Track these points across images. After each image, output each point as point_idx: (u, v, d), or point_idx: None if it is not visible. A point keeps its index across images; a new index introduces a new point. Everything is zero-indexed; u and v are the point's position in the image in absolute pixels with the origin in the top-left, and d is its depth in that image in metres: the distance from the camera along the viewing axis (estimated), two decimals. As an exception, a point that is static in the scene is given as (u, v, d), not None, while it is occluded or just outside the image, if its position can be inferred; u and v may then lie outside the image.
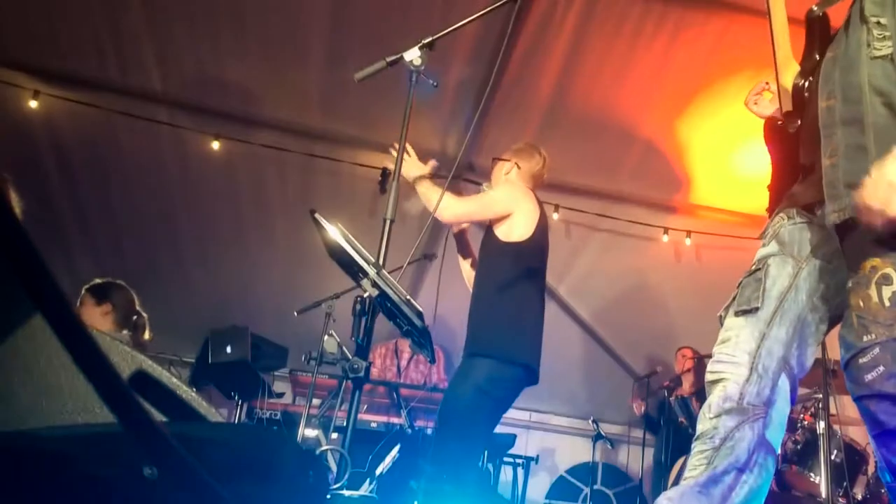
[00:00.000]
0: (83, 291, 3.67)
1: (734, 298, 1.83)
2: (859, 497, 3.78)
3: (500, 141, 5.01)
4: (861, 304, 1.50)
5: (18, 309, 0.93)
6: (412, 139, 2.46)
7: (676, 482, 4.66)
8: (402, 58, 2.15)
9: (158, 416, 0.99)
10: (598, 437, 5.98)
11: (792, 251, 1.77)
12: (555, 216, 5.47)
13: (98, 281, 3.80)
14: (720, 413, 1.71)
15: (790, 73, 1.83)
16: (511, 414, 6.66)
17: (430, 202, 3.18)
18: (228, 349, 4.92)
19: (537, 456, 5.95)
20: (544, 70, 4.52)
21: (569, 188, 5.34)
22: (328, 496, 1.62)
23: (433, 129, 4.94)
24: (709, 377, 1.79)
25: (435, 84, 2.59)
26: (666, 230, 5.51)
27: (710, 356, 1.84)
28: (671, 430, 5.33)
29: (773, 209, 1.89)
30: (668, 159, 5.04)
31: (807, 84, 1.79)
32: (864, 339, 1.48)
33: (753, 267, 1.82)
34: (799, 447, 3.98)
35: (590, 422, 6.05)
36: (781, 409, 1.74)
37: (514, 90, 4.61)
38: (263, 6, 4.28)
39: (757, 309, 1.74)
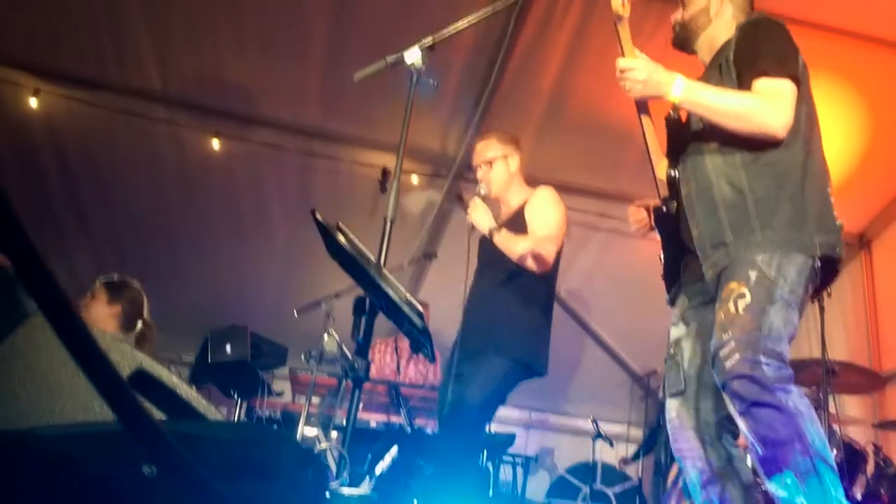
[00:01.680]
0: (97, 283, 3.52)
1: (664, 379, 2.31)
2: (859, 497, 3.78)
3: (500, 140, 5.01)
4: (723, 315, 1.92)
5: (19, 308, 0.93)
6: (412, 139, 2.46)
7: (675, 482, 4.69)
8: (402, 58, 2.15)
9: (158, 415, 0.99)
10: (597, 436, 5.98)
11: (697, 331, 2.19)
12: (555, 216, 5.47)
13: (115, 276, 3.67)
14: (704, 486, 2.07)
15: (662, 165, 2.26)
16: (511, 413, 6.71)
17: (513, 252, 3.05)
18: (228, 348, 4.92)
19: (537, 455, 5.96)
20: (544, 70, 4.52)
21: (569, 188, 5.33)
22: (327, 494, 1.63)
23: (433, 129, 4.94)
24: (675, 456, 2.19)
25: (435, 84, 2.59)
26: (666, 230, 5.50)
27: None
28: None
29: (669, 287, 2.37)
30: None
31: (675, 173, 2.23)
32: (724, 336, 1.89)
33: (671, 350, 2.27)
34: (798, 447, 3.97)
35: (590, 421, 6.05)
36: (738, 455, 2.10)
37: (514, 90, 4.61)
38: (263, 4, 4.28)
39: (683, 391, 2.16)
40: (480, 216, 3.10)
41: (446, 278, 5.93)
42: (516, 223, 3.17)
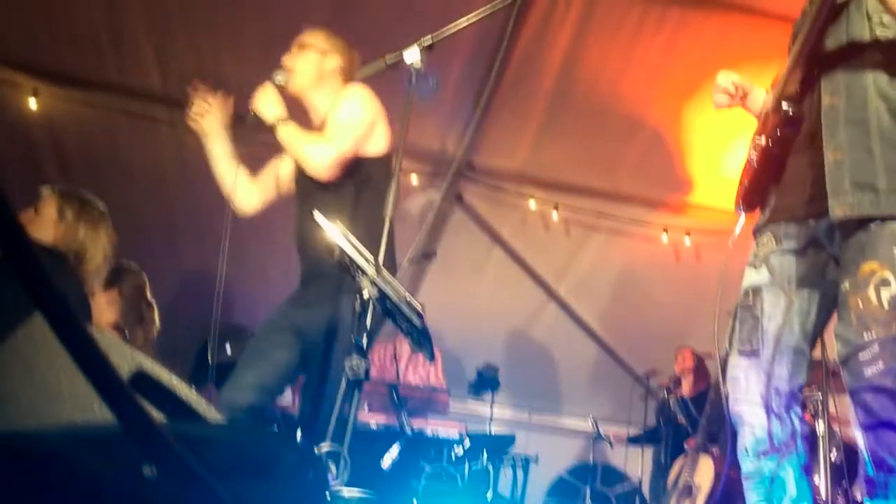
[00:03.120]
0: None
1: (733, 329, 1.93)
2: (859, 497, 3.77)
3: (500, 140, 5.02)
4: (860, 304, 1.60)
5: (18, 309, 0.93)
6: (412, 139, 2.46)
7: (675, 483, 4.67)
8: (401, 58, 2.14)
9: (158, 416, 0.99)
10: (598, 437, 5.98)
11: (783, 284, 1.84)
12: (555, 216, 5.47)
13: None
14: (758, 456, 1.84)
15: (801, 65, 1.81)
16: (511, 414, 6.70)
17: (301, 152, 2.60)
18: (228, 349, 4.92)
19: (537, 456, 5.94)
20: (544, 70, 4.52)
21: (569, 187, 5.35)
22: (327, 496, 1.63)
23: (433, 128, 4.94)
24: (733, 417, 1.90)
25: (435, 84, 2.59)
26: (666, 229, 5.51)
27: (709, 355, 1.95)
28: (670, 430, 5.33)
29: (747, 203, 1.96)
30: (668, 158, 5.04)
31: (816, 73, 1.78)
32: (865, 336, 1.59)
33: (749, 300, 1.88)
34: (798, 447, 3.97)
35: (589, 422, 6.05)
36: (804, 431, 1.88)
37: (513, 90, 4.60)
38: (263, 4, 4.28)
39: (757, 351, 1.84)
40: (266, 101, 2.65)
41: (446, 278, 5.94)
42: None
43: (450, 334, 5.94)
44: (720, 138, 4.83)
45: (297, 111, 2.74)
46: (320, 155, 2.52)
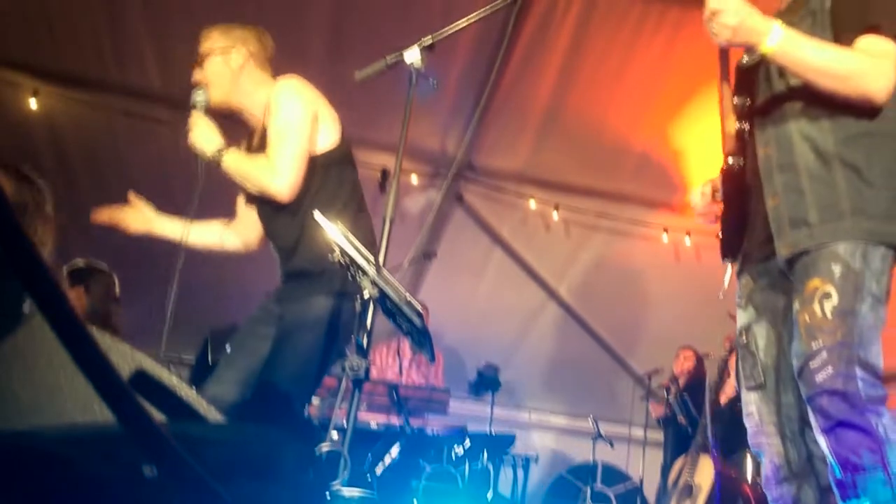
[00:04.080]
0: (63, 271, 3.47)
1: (738, 368, 2.10)
2: None
3: (500, 140, 5.02)
4: (807, 318, 1.75)
5: (18, 309, 0.93)
6: (412, 139, 2.46)
7: (676, 482, 4.67)
8: (402, 58, 2.14)
9: (158, 416, 0.99)
10: (598, 436, 5.98)
11: (769, 318, 1.98)
12: (555, 216, 5.47)
13: (80, 263, 3.59)
14: (780, 483, 1.95)
15: (731, 120, 2.02)
16: (511, 414, 6.70)
17: (253, 179, 2.46)
18: (228, 349, 4.92)
19: (537, 456, 5.95)
20: (544, 70, 4.52)
21: (569, 188, 5.35)
22: (327, 495, 1.63)
23: (433, 128, 4.94)
24: (753, 448, 2.05)
25: (435, 84, 2.59)
26: (666, 230, 5.51)
27: (707, 355, 2.02)
28: (671, 430, 5.33)
29: (727, 249, 2.08)
30: (668, 159, 5.04)
31: (746, 127, 1.98)
32: (813, 346, 1.73)
33: (743, 339, 2.03)
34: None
35: (589, 422, 6.05)
36: (820, 454, 1.91)
37: (513, 90, 4.61)
38: (264, 4, 4.28)
39: (763, 384, 1.97)
40: (201, 134, 2.45)
41: (446, 278, 5.94)
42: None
43: (450, 334, 5.94)
44: (720, 138, 4.82)
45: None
46: (275, 182, 2.37)
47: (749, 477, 4.17)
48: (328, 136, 2.49)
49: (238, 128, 2.66)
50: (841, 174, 1.79)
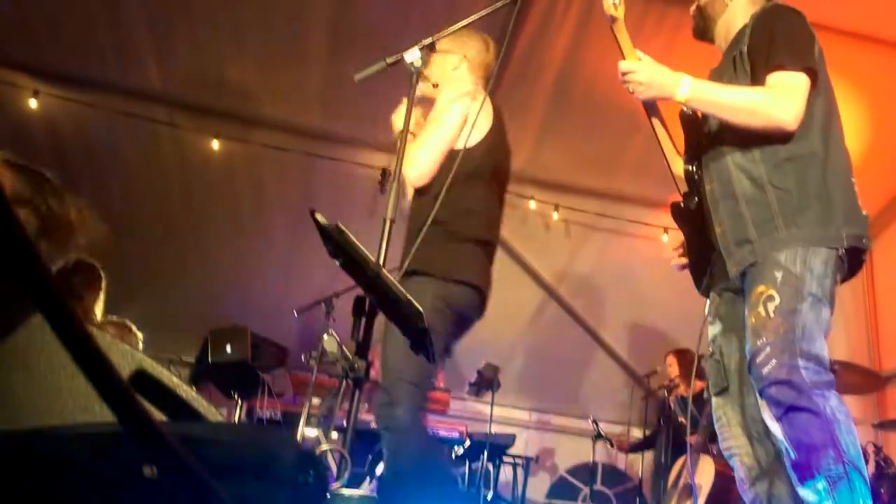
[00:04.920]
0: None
1: (708, 380, 2.26)
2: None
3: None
4: (754, 319, 1.91)
5: (18, 309, 0.93)
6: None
7: (676, 482, 4.66)
8: (402, 58, 2.14)
9: (158, 416, 0.99)
10: (598, 436, 5.98)
11: (733, 326, 2.15)
12: (555, 216, 5.47)
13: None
14: (753, 483, 2.05)
15: (678, 162, 2.25)
16: (511, 414, 6.70)
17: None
18: (228, 348, 4.92)
19: (537, 456, 5.95)
20: (544, 69, 4.52)
21: (569, 188, 5.35)
22: (328, 496, 1.63)
23: (433, 128, 4.94)
24: (724, 453, 2.16)
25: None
26: (666, 230, 5.51)
27: (702, 355, 2.32)
28: (671, 430, 5.33)
29: (698, 281, 2.29)
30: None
31: (694, 168, 2.20)
32: (758, 342, 1.87)
33: (710, 349, 2.24)
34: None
35: (590, 422, 6.05)
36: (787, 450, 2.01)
37: (513, 90, 4.60)
38: (263, 5, 4.28)
39: (727, 388, 2.14)
40: (396, 117, 2.71)
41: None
42: None
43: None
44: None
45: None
46: (409, 165, 2.64)
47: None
48: (476, 135, 2.59)
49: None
50: (773, 196, 1.99)
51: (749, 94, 2.02)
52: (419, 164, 2.63)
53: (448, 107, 2.64)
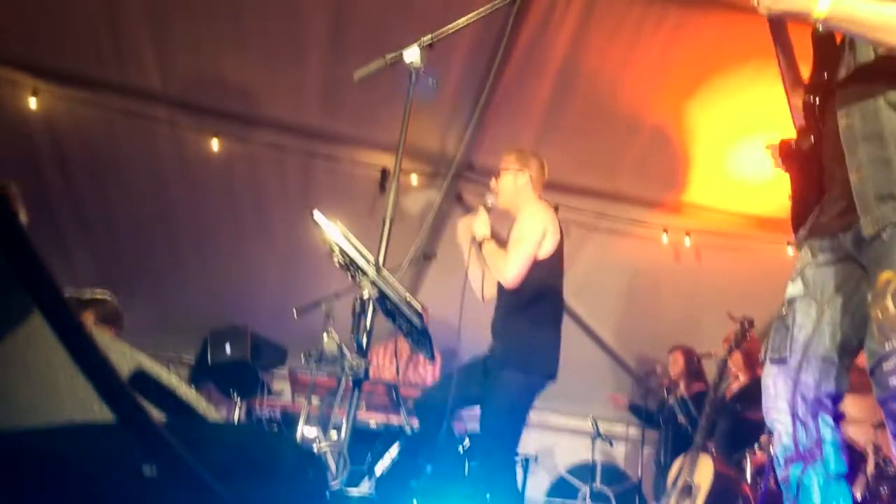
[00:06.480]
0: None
1: (768, 338, 1.99)
2: (858, 497, 3.77)
3: (499, 140, 5.01)
4: (880, 315, 1.61)
5: (18, 309, 0.93)
6: (411, 139, 2.46)
7: (675, 482, 4.66)
8: (401, 57, 2.14)
9: (158, 416, 0.99)
10: (597, 436, 5.98)
11: (815, 294, 1.89)
12: (554, 216, 5.48)
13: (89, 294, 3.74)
14: (786, 462, 1.91)
15: (799, 92, 1.94)
16: (510, 413, 6.68)
17: (494, 267, 3.31)
18: (228, 348, 4.93)
19: (537, 456, 5.94)
20: (544, 69, 4.51)
21: (568, 188, 5.34)
22: (327, 495, 1.62)
23: (433, 127, 4.94)
24: (767, 424, 1.99)
25: (435, 83, 2.58)
26: (665, 230, 5.51)
27: (708, 354, 1.98)
28: (671, 430, 5.33)
29: (796, 227, 1.99)
30: (667, 159, 5.04)
31: (817, 100, 1.87)
32: (886, 346, 1.59)
33: (783, 310, 1.95)
34: (798, 447, 3.97)
35: (589, 421, 6.05)
36: (834, 440, 1.90)
37: (513, 89, 4.60)
38: (264, 5, 4.27)
39: (786, 359, 1.90)
40: (477, 224, 3.32)
41: (446, 278, 5.93)
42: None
43: (450, 334, 5.93)
44: (720, 138, 4.82)
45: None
46: (503, 268, 3.32)
47: (749, 477, 4.17)
48: (549, 247, 3.31)
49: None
50: None
51: None
52: (514, 268, 3.26)
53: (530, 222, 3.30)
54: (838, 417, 1.93)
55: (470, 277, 3.60)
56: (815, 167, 1.90)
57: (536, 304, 3.31)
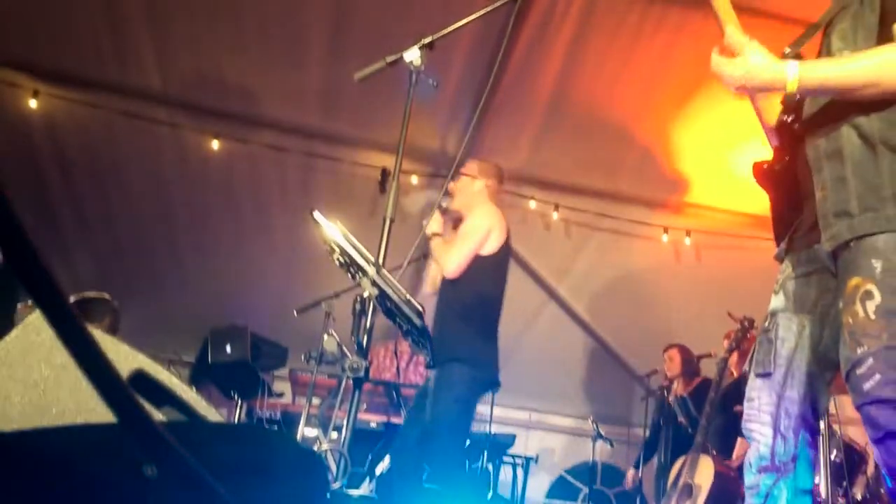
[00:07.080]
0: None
1: (753, 352, 2.03)
2: (859, 497, 3.78)
3: (499, 140, 5.02)
4: (850, 320, 1.65)
5: (17, 308, 0.93)
6: (412, 139, 2.46)
7: (675, 482, 4.66)
8: (401, 57, 2.14)
9: (158, 416, 0.99)
10: (597, 436, 5.98)
11: (797, 308, 1.92)
12: (555, 216, 5.47)
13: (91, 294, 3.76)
14: (759, 471, 1.93)
15: (774, 111, 1.99)
16: (511, 414, 6.70)
17: (440, 259, 3.43)
18: (228, 349, 4.92)
19: (537, 456, 5.94)
20: (544, 69, 4.51)
21: (569, 188, 5.34)
22: (327, 495, 1.63)
23: (433, 128, 4.94)
24: (745, 433, 2.01)
25: (435, 84, 2.58)
26: (666, 230, 5.51)
27: (708, 355, 2.00)
28: (671, 430, 5.33)
29: (778, 241, 2.02)
30: (667, 159, 5.04)
31: (791, 119, 1.93)
32: (858, 351, 1.63)
33: (767, 324, 1.98)
34: (798, 447, 3.97)
35: (589, 422, 6.05)
36: (807, 456, 1.93)
37: (513, 90, 4.60)
38: (264, 5, 4.27)
39: (770, 374, 1.92)
40: (431, 222, 3.48)
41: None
42: None
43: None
44: (720, 138, 4.82)
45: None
46: (445, 261, 3.40)
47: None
48: (494, 245, 3.41)
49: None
50: (887, 160, 1.69)
51: (866, 66, 1.69)
52: (456, 260, 3.35)
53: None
54: (816, 432, 1.97)
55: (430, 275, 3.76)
56: (791, 184, 1.95)
57: (472, 298, 3.37)
